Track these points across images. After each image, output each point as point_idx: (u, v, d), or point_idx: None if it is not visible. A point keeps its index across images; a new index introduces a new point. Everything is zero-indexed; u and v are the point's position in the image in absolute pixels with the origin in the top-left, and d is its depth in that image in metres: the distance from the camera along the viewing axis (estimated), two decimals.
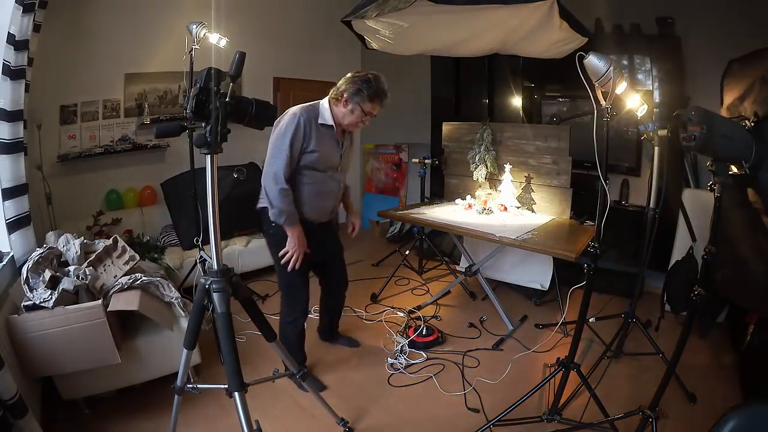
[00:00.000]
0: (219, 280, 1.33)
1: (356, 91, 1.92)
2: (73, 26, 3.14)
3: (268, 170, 1.91)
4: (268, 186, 1.91)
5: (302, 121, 1.91)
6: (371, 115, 2.00)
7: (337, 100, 1.97)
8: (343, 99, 1.94)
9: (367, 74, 1.95)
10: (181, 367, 1.49)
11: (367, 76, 1.93)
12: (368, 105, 1.95)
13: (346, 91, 1.93)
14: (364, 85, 1.91)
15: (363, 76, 1.93)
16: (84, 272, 1.95)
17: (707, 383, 2.25)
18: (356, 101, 1.93)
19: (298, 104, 2.00)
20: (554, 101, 3.79)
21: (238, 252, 3.52)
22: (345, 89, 1.93)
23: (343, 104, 1.95)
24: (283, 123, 1.92)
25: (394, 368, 2.41)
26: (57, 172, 3.15)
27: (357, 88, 1.91)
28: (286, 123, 1.91)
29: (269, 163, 1.91)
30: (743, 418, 1.05)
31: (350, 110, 1.96)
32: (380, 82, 1.94)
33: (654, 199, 2.29)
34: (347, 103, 1.94)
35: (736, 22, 2.78)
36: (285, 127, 1.90)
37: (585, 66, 1.52)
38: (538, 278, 3.17)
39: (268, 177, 1.90)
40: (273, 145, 1.91)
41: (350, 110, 1.96)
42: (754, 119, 1.44)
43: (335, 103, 1.99)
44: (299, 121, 1.90)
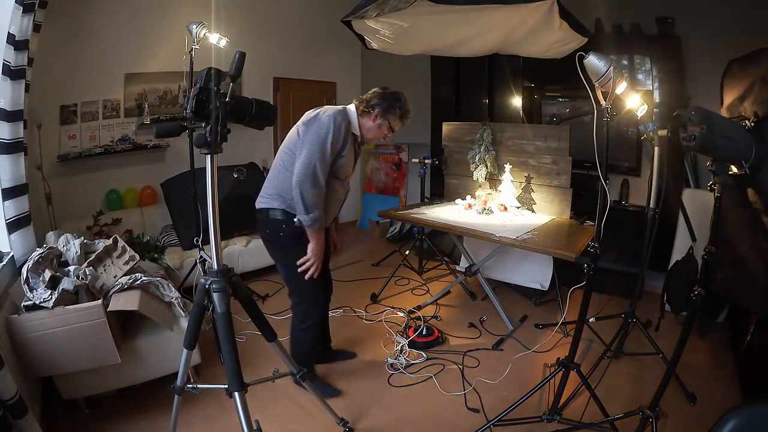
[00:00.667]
0: (219, 280, 1.33)
1: (389, 108, 1.94)
2: (73, 26, 3.15)
3: (306, 171, 1.78)
4: (305, 188, 1.79)
5: (343, 125, 1.86)
6: (393, 132, 2.03)
7: (366, 112, 1.96)
8: (374, 113, 1.95)
9: (397, 92, 1.99)
10: (181, 367, 1.49)
11: (398, 95, 1.98)
12: (397, 123, 1.99)
13: (378, 106, 1.94)
14: (396, 103, 1.95)
15: (395, 94, 1.97)
16: (84, 272, 1.95)
17: (707, 383, 2.25)
18: (387, 117, 1.96)
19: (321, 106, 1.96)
20: (554, 101, 3.79)
21: (238, 252, 3.52)
22: (377, 104, 1.94)
23: (373, 118, 1.96)
24: (324, 123, 1.83)
25: (394, 368, 2.41)
26: (57, 172, 3.15)
27: (389, 104, 1.94)
28: (328, 124, 1.82)
29: (307, 164, 1.79)
30: (743, 418, 1.05)
31: (378, 125, 1.97)
32: (407, 101, 2.00)
33: (654, 199, 2.29)
34: (377, 118, 1.96)
35: (736, 22, 2.78)
36: (327, 128, 1.81)
37: (585, 66, 1.52)
38: (538, 278, 3.17)
39: (306, 179, 1.78)
40: (312, 145, 1.80)
41: (378, 125, 1.97)
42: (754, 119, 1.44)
43: (363, 115, 1.97)
44: (340, 124, 1.85)
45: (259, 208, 1.99)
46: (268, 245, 2.05)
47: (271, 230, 1.96)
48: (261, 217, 1.98)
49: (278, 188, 1.92)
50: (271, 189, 1.95)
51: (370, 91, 1.99)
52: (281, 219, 1.92)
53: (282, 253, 2.02)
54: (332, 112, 1.87)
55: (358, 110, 1.97)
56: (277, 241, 1.98)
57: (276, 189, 1.93)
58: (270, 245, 2.04)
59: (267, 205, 1.94)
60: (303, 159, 1.80)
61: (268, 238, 2.01)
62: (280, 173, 1.92)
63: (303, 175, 1.79)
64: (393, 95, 1.97)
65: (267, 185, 1.98)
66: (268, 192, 1.96)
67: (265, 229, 1.98)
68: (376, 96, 1.96)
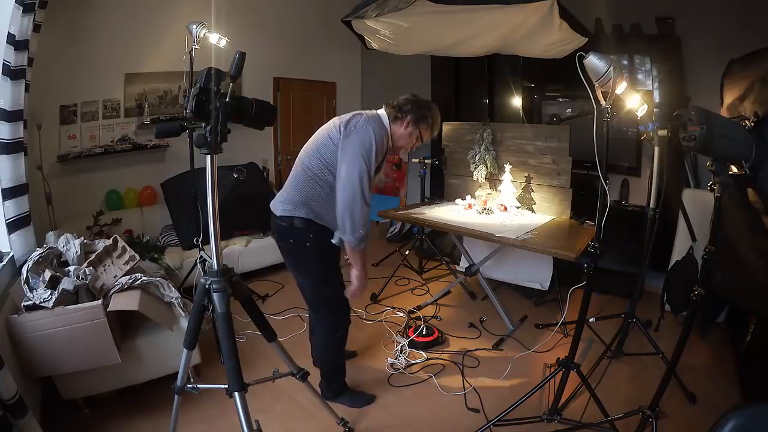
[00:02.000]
0: (219, 280, 1.33)
1: (421, 117, 1.88)
2: (73, 26, 3.15)
3: (354, 191, 1.67)
4: (356, 208, 1.67)
5: (384, 136, 1.79)
6: (422, 142, 1.97)
7: (398, 118, 1.88)
8: (406, 120, 1.87)
9: (429, 102, 1.93)
10: (181, 367, 1.49)
11: (430, 104, 1.92)
12: (427, 133, 1.94)
13: (411, 113, 1.86)
14: (428, 113, 1.90)
15: (428, 103, 1.92)
16: (84, 272, 1.95)
17: (707, 383, 2.25)
18: (419, 126, 1.89)
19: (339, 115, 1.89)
20: (554, 101, 3.79)
21: (238, 252, 3.52)
22: (409, 110, 1.86)
23: (405, 125, 1.88)
24: (367, 135, 1.73)
25: (394, 368, 2.41)
26: (57, 172, 3.15)
27: (423, 114, 1.88)
28: (371, 136, 1.73)
29: (355, 182, 1.67)
30: (743, 418, 1.05)
31: (409, 133, 1.90)
32: (438, 113, 1.95)
33: (654, 199, 2.29)
34: (409, 126, 1.88)
35: (736, 22, 2.78)
36: (370, 140, 1.72)
37: (585, 66, 1.52)
38: (538, 278, 3.17)
39: (356, 198, 1.67)
40: (358, 160, 1.68)
41: (409, 133, 1.90)
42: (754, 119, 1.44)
43: (394, 121, 1.89)
44: (381, 137, 1.77)
45: (281, 215, 1.84)
46: (290, 256, 1.93)
47: (295, 240, 1.84)
48: (284, 226, 1.84)
49: (306, 197, 1.80)
50: (297, 196, 1.82)
51: (401, 97, 1.91)
52: (308, 229, 1.81)
53: (307, 265, 1.90)
54: (372, 122, 1.78)
55: (390, 116, 1.88)
56: (302, 253, 1.86)
57: (303, 197, 1.81)
58: (292, 256, 1.92)
59: (291, 213, 1.81)
60: (350, 175, 1.68)
61: (290, 248, 1.89)
62: (310, 181, 1.80)
63: (351, 195, 1.67)
64: (426, 104, 1.91)
65: (291, 192, 1.85)
66: (292, 199, 1.82)
67: (288, 239, 1.86)
68: (408, 102, 1.88)
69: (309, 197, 1.81)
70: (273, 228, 1.93)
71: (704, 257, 1.55)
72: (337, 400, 2.09)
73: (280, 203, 1.87)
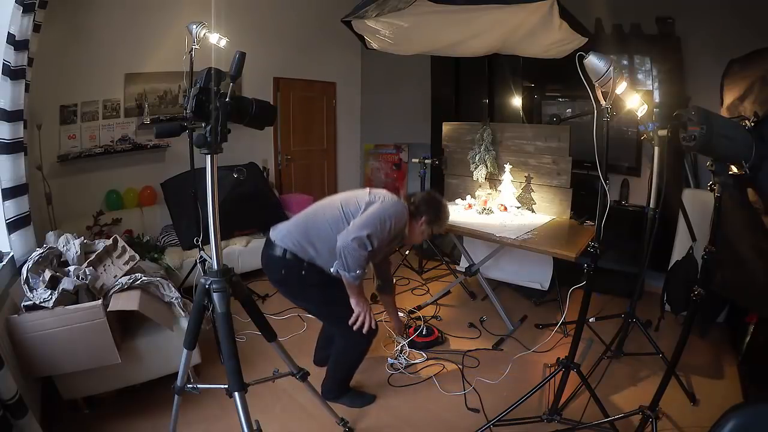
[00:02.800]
0: (219, 280, 1.33)
1: (435, 219, 2.08)
2: (73, 26, 3.14)
3: (360, 233, 1.80)
4: (351, 249, 1.79)
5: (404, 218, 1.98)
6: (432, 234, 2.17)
7: (415, 216, 2.06)
8: (421, 219, 2.06)
9: (440, 201, 2.12)
10: (181, 367, 1.49)
11: (441, 205, 2.11)
12: (438, 228, 2.13)
13: (426, 214, 2.06)
14: (441, 214, 2.10)
15: (439, 205, 2.11)
16: (84, 272, 1.95)
17: (707, 383, 2.25)
18: (431, 225, 2.08)
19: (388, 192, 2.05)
20: (554, 101, 3.79)
21: (238, 252, 3.52)
22: (425, 211, 2.05)
23: (420, 224, 2.07)
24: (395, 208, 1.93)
25: (394, 368, 2.41)
26: (57, 172, 3.15)
27: (437, 215, 2.08)
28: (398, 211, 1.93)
29: (363, 228, 1.82)
30: (743, 418, 1.05)
31: (422, 231, 2.09)
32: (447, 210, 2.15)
33: (654, 199, 2.29)
34: (423, 225, 2.07)
35: (736, 22, 2.78)
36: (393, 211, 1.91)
37: (585, 66, 1.52)
38: (538, 278, 3.17)
39: (357, 240, 1.79)
40: (376, 217, 1.86)
41: (422, 231, 2.09)
42: (754, 119, 1.44)
43: (411, 216, 2.05)
44: (402, 217, 1.96)
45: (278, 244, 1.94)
46: (287, 288, 2.04)
47: (287, 271, 1.93)
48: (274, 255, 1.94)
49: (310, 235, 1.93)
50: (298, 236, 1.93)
51: (417, 195, 2.11)
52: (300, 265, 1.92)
53: (306, 292, 2.00)
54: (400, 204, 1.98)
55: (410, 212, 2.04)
56: (299, 282, 1.95)
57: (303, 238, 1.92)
58: (288, 287, 2.03)
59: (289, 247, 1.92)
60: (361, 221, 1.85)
61: (283, 279, 1.97)
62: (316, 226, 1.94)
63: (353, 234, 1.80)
64: (439, 206, 2.10)
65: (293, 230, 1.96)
66: (292, 236, 1.93)
67: (280, 269, 1.95)
68: (424, 203, 2.07)
69: (308, 242, 1.92)
70: (264, 257, 2.01)
71: (704, 257, 1.55)
72: (338, 401, 2.10)
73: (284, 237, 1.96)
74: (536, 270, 3.16)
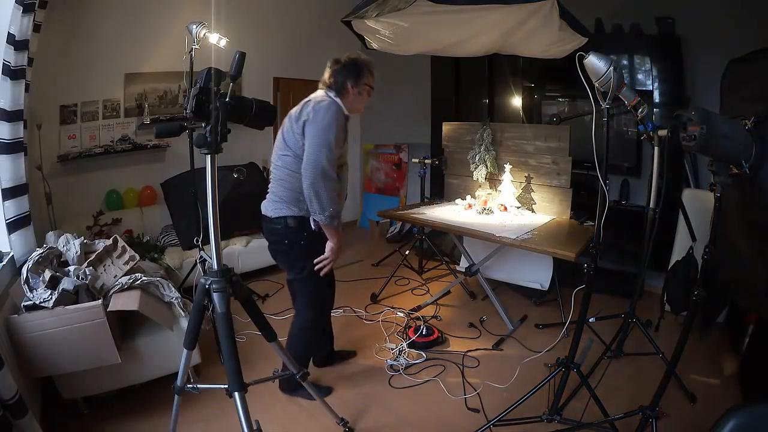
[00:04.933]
0: (219, 280, 1.33)
1: (359, 74, 1.92)
2: (73, 26, 3.14)
3: (315, 166, 1.73)
4: (317, 184, 1.73)
5: (339, 112, 1.83)
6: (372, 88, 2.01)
7: (341, 92, 1.91)
8: (348, 87, 1.91)
9: (350, 56, 1.95)
10: (181, 367, 1.49)
11: (353, 57, 1.94)
12: (372, 79, 1.97)
13: (348, 79, 1.90)
14: (359, 65, 1.92)
15: (352, 60, 1.93)
16: (84, 272, 1.95)
17: (707, 383, 2.25)
18: (363, 82, 1.93)
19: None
20: (554, 101, 3.79)
21: (238, 252, 3.52)
22: (345, 78, 1.90)
23: (352, 93, 1.92)
24: (328, 114, 1.78)
25: (394, 369, 2.41)
26: (57, 172, 3.15)
27: (357, 70, 1.92)
28: (333, 113, 1.79)
29: (315, 159, 1.73)
30: (743, 418, 1.05)
31: (358, 93, 1.94)
32: (361, 55, 1.98)
33: (654, 199, 2.29)
34: (354, 88, 1.92)
35: (736, 23, 2.78)
36: (328, 120, 1.77)
37: (585, 66, 1.52)
38: (538, 278, 3.17)
39: (316, 174, 1.73)
40: (317, 138, 1.75)
41: (358, 93, 1.94)
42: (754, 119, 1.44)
43: (341, 96, 1.91)
44: (333, 108, 1.81)
45: (274, 216, 1.89)
46: (285, 257, 1.99)
47: (290, 240, 1.90)
48: (278, 229, 1.90)
49: (294, 191, 1.86)
50: (286, 193, 1.87)
51: (326, 72, 1.95)
52: (301, 228, 1.87)
53: (303, 262, 1.94)
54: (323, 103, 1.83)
55: (334, 92, 1.91)
56: (298, 250, 1.92)
57: (291, 193, 1.86)
58: (287, 257, 1.98)
59: (284, 213, 1.87)
60: (312, 158, 1.75)
61: (285, 249, 1.94)
62: (289, 176, 1.86)
63: (314, 175, 1.74)
64: (351, 61, 1.92)
65: (279, 191, 1.90)
66: (281, 197, 1.88)
67: (283, 240, 1.91)
68: (336, 72, 1.91)
69: (296, 190, 1.85)
70: (266, 231, 1.99)
71: (704, 257, 1.55)
72: (296, 394, 2.13)
73: (269, 205, 1.93)
74: (536, 270, 3.16)
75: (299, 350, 2.07)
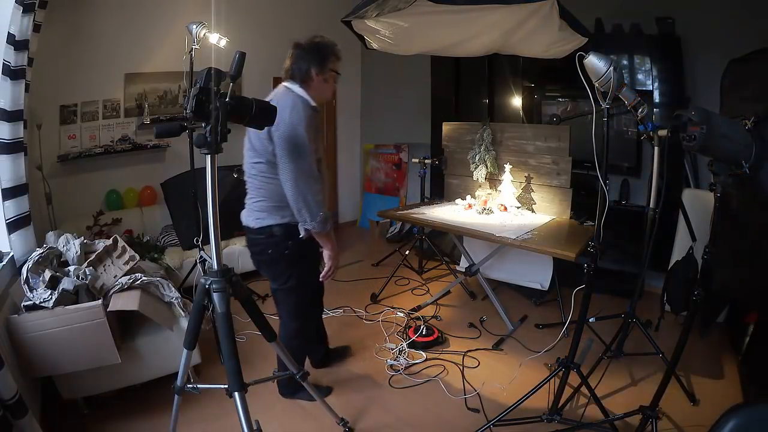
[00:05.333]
0: (219, 280, 1.33)
1: (323, 59, 1.79)
2: (73, 26, 3.14)
3: (294, 173, 1.65)
4: (302, 190, 1.65)
5: (305, 107, 1.71)
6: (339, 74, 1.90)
7: (306, 81, 1.79)
8: (313, 75, 1.78)
9: (313, 39, 1.82)
10: (181, 367, 1.49)
11: (317, 41, 1.81)
12: (338, 63, 1.86)
13: (312, 66, 1.77)
14: (323, 50, 1.80)
15: (315, 43, 1.80)
16: (84, 272, 1.95)
17: (707, 383, 2.25)
18: (329, 68, 1.82)
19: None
20: (554, 101, 3.79)
21: (238, 252, 3.52)
22: (309, 66, 1.77)
23: (317, 80, 1.80)
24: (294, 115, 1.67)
25: (394, 369, 2.41)
26: (57, 172, 3.15)
27: (321, 56, 1.79)
28: (298, 113, 1.68)
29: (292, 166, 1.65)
30: (743, 418, 1.05)
31: (324, 80, 1.82)
32: (325, 38, 1.84)
33: (654, 199, 2.29)
34: (319, 75, 1.79)
35: (736, 22, 2.78)
36: (297, 118, 1.66)
37: (585, 66, 1.52)
38: (538, 278, 3.17)
39: (300, 178, 1.65)
40: (287, 143, 1.64)
41: (324, 80, 1.82)
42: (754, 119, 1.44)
43: (305, 85, 1.79)
44: (300, 104, 1.70)
45: (257, 227, 1.81)
46: (268, 268, 1.91)
47: (275, 250, 1.81)
48: (261, 239, 1.81)
49: (273, 198, 1.78)
50: (264, 202, 1.79)
51: (287, 59, 1.81)
52: (286, 235, 1.78)
53: (288, 272, 1.87)
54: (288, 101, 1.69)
55: (298, 84, 1.79)
56: (283, 260, 1.84)
57: (272, 201, 1.78)
58: (271, 268, 1.90)
59: (266, 222, 1.79)
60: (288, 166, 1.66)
61: (268, 260, 1.86)
62: (266, 183, 1.78)
63: (295, 183, 1.66)
64: (313, 46, 1.79)
65: (257, 200, 1.83)
66: (261, 206, 1.80)
67: (267, 250, 1.83)
68: (300, 59, 1.78)
69: (276, 197, 1.76)
70: (248, 241, 1.91)
71: (704, 257, 1.55)
72: (296, 396, 2.12)
73: (252, 215, 1.84)
74: (536, 270, 3.16)
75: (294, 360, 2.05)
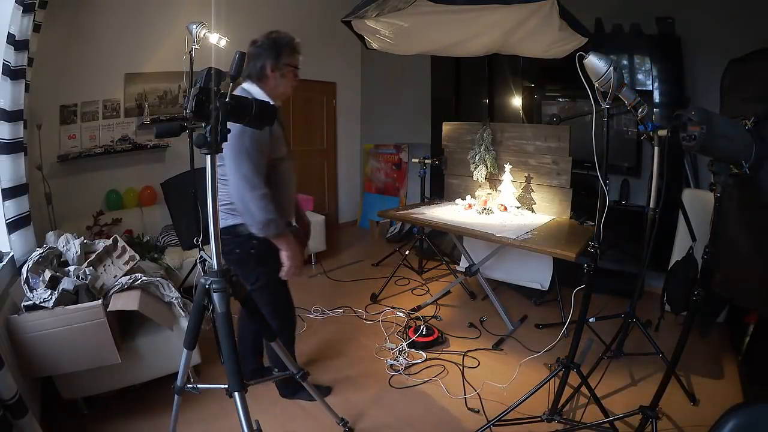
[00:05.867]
0: (219, 280, 1.33)
1: (277, 54, 1.75)
2: (73, 26, 3.14)
3: (239, 176, 1.62)
4: (244, 196, 1.63)
5: None
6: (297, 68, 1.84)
7: (262, 78, 1.75)
8: (268, 72, 1.75)
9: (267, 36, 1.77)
10: (181, 367, 1.49)
11: (271, 37, 1.76)
12: (295, 58, 1.81)
13: (268, 63, 1.74)
14: (278, 44, 1.75)
15: (270, 39, 1.75)
16: (84, 272, 1.95)
17: (707, 383, 2.25)
18: (284, 62, 1.77)
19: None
20: (554, 101, 3.79)
21: None
22: (264, 63, 1.74)
23: (273, 77, 1.76)
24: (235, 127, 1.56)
25: (394, 369, 2.41)
26: (57, 172, 3.15)
27: (275, 52, 1.74)
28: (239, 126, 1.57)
29: (235, 174, 1.62)
30: (743, 418, 1.05)
31: (280, 75, 1.77)
32: (281, 32, 1.79)
33: (654, 199, 2.29)
34: (275, 71, 1.76)
35: (736, 22, 2.78)
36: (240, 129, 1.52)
37: (585, 66, 1.52)
38: (538, 278, 3.17)
39: (241, 183, 1.62)
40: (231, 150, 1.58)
41: (280, 75, 1.77)
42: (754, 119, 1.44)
43: (262, 83, 1.76)
44: None
45: (223, 227, 1.73)
46: (238, 267, 1.80)
47: (241, 249, 1.78)
48: (227, 237, 1.75)
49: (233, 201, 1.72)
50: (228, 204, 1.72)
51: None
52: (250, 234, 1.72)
53: (256, 272, 1.83)
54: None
55: (255, 83, 1.75)
56: (250, 259, 1.80)
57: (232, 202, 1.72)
58: (240, 267, 1.81)
59: (229, 221, 1.75)
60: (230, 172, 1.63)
61: (236, 259, 1.80)
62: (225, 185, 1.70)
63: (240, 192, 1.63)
64: (268, 41, 1.74)
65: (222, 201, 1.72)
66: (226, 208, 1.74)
67: (234, 249, 1.78)
68: (255, 56, 1.73)
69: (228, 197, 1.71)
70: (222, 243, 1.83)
71: (704, 257, 1.55)
72: (296, 397, 2.11)
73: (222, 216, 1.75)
74: (536, 270, 3.17)
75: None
